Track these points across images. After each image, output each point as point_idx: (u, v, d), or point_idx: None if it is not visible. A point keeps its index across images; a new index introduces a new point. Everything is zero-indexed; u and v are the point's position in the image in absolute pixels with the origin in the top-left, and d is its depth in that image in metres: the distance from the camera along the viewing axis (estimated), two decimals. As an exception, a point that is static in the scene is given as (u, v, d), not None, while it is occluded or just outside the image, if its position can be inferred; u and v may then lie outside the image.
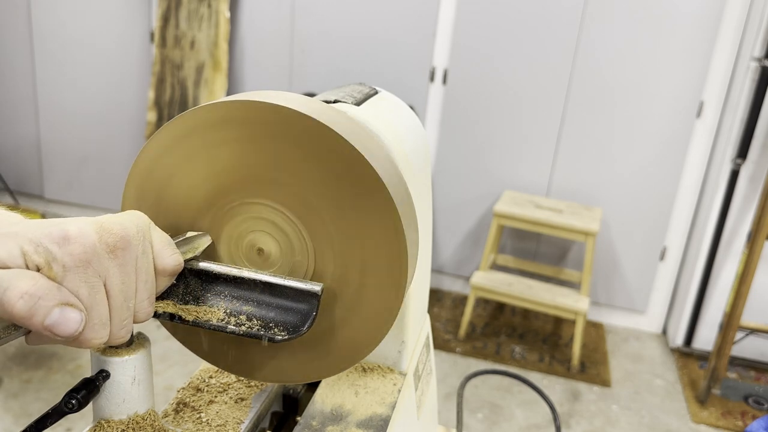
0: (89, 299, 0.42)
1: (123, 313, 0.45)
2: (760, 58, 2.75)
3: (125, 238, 0.44)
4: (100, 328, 0.43)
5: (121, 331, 0.45)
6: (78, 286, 0.41)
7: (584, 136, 3.17)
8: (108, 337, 0.44)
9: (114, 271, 0.43)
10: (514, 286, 2.97)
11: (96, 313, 0.43)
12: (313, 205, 0.53)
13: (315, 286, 0.52)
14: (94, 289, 0.42)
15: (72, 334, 0.41)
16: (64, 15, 3.64)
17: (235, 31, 3.43)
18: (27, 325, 0.40)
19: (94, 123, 3.79)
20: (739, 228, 2.96)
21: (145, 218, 0.48)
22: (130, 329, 0.46)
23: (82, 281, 0.41)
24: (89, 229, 0.42)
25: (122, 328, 0.45)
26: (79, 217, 0.44)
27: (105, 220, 0.44)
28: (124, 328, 0.45)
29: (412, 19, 3.20)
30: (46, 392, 2.47)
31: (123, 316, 0.45)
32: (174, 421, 0.62)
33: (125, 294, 0.44)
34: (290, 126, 0.50)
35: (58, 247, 0.41)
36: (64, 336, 0.41)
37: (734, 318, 2.65)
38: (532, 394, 2.72)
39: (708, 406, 2.79)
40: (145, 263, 0.46)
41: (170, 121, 0.52)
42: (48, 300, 0.40)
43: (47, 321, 0.40)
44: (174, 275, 0.50)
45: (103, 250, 0.42)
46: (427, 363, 0.82)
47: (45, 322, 0.40)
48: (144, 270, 0.46)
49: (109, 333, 0.44)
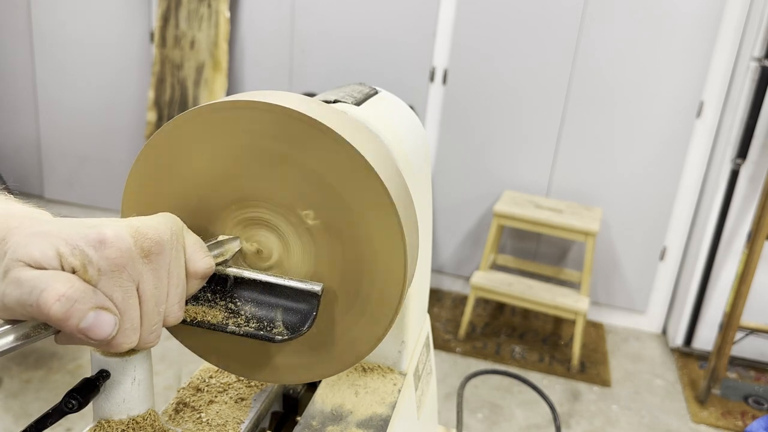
0: (123, 304, 0.42)
1: (153, 318, 0.44)
2: (760, 58, 2.75)
3: (160, 242, 0.44)
4: (131, 332, 0.43)
5: (150, 335, 0.45)
6: (112, 290, 0.41)
7: (584, 136, 3.17)
8: (138, 341, 0.44)
9: (147, 276, 0.43)
10: (514, 286, 2.97)
11: (128, 317, 0.42)
12: (312, 205, 0.52)
13: (315, 286, 0.52)
14: (127, 294, 0.42)
15: (105, 338, 0.41)
16: (64, 15, 3.64)
17: (235, 31, 3.43)
18: (61, 327, 0.40)
19: (94, 123, 3.79)
20: (739, 228, 2.96)
21: (179, 221, 0.47)
22: (159, 334, 0.46)
23: (116, 285, 0.41)
24: (125, 233, 0.42)
25: (152, 332, 0.45)
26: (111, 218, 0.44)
27: (140, 224, 0.44)
28: (153, 333, 0.45)
29: (412, 19, 3.21)
30: (46, 392, 2.47)
31: (153, 321, 0.45)
32: (174, 421, 0.62)
33: (157, 299, 0.44)
34: (290, 126, 0.50)
35: (94, 250, 0.40)
36: (98, 339, 0.40)
37: (734, 318, 2.65)
38: (532, 394, 2.72)
39: (708, 406, 2.79)
40: (177, 267, 0.45)
41: (170, 120, 0.52)
42: (84, 303, 0.39)
43: (82, 324, 0.39)
44: (205, 278, 0.49)
45: (138, 255, 0.42)
46: (427, 363, 0.82)
47: (80, 325, 0.39)
48: (176, 274, 0.45)
49: (139, 337, 0.44)
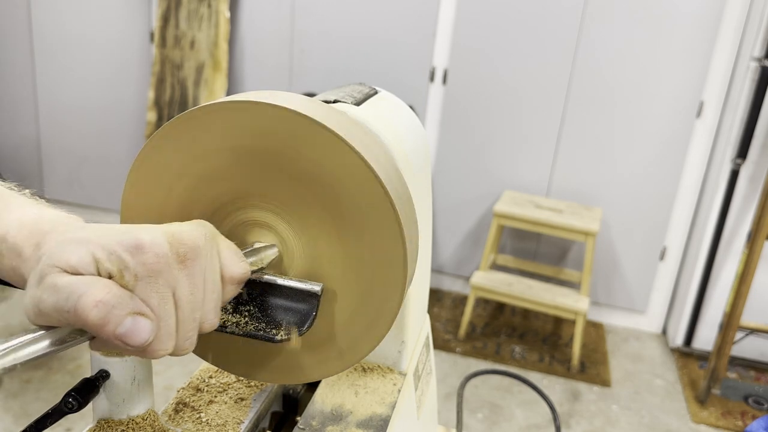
0: (159, 310, 0.41)
1: (189, 324, 0.44)
2: (760, 58, 2.75)
3: (196, 248, 0.43)
4: (167, 339, 0.42)
5: (186, 342, 0.44)
6: (149, 296, 0.41)
7: (584, 136, 3.17)
8: (173, 348, 0.43)
9: (183, 282, 0.43)
10: (514, 286, 2.97)
11: (164, 323, 0.42)
12: (312, 205, 0.52)
13: (315, 286, 0.52)
14: (164, 300, 0.41)
15: (142, 344, 0.40)
16: (64, 15, 3.64)
17: (235, 31, 3.43)
18: (98, 333, 0.39)
19: (94, 123, 3.79)
20: (739, 228, 2.96)
21: (212, 227, 0.47)
22: (194, 341, 0.45)
23: (153, 291, 0.41)
24: (162, 239, 0.42)
25: (187, 339, 0.44)
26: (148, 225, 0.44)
27: (176, 230, 0.43)
28: (188, 340, 0.45)
29: (412, 19, 3.20)
30: (46, 392, 2.47)
31: (189, 327, 0.44)
32: (174, 421, 0.62)
33: (193, 305, 0.44)
34: (289, 126, 0.50)
35: (131, 255, 0.40)
36: (134, 345, 0.40)
37: (734, 318, 2.65)
38: (532, 394, 2.72)
39: (708, 406, 2.79)
40: (212, 273, 0.45)
41: (170, 120, 0.52)
42: (121, 309, 0.39)
43: (119, 330, 0.39)
44: (241, 284, 0.49)
45: (174, 260, 0.42)
46: (427, 363, 0.82)
47: (117, 331, 0.39)
48: (212, 280, 0.45)
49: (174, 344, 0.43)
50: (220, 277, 0.46)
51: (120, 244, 0.40)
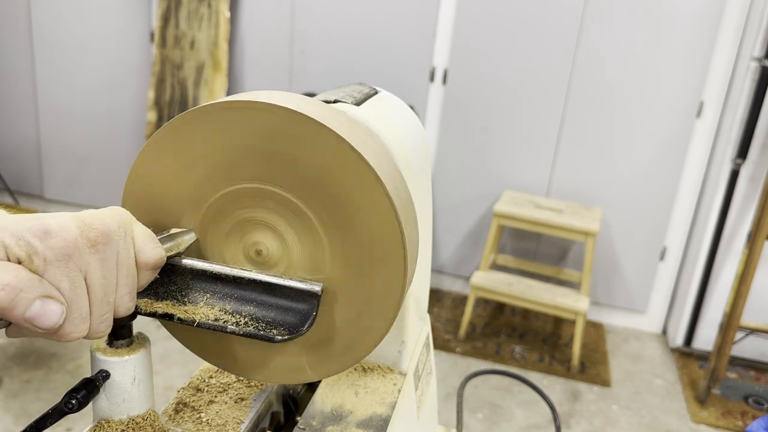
0: (70, 293, 0.42)
1: (103, 308, 0.45)
2: (760, 58, 2.75)
3: (106, 233, 0.44)
4: (80, 321, 0.43)
5: (101, 325, 0.45)
6: (59, 280, 0.42)
7: (584, 136, 3.17)
8: (87, 331, 0.44)
9: (95, 266, 0.43)
10: (514, 286, 2.97)
11: (76, 306, 0.43)
12: (312, 205, 0.53)
13: (315, 286, 0.52)
14: (74, 283, 0.42)
15: (52, 327, 0.41)
16: (64, 15, 3.64)
17: (235, 31, 3.43)
18: (8, 317, 0.40)
19: (94, 123, 3.79)
20: (739, 228, 2.96)
21: (127, 213, 0.48)
22: (110, 324, 0.46)
23: (63, 275, 0.42)
24: (70, 223, 0.42)
25: (102, 322, 0.45)
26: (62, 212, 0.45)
27: (86, 215, 0.44)
28: (104, 323, 0.46)
29: (412, 19, 3.21)
30: (46, 392, 2.47)
31: (103, 311, 0.45)
32: (174, 421, 0.62)
33: (105, 288, 0.45)
34: (289, 126, 0.50)
35: (39, 240, 0.41)
36: (45, 328, 0.41)
37: (734, 318, 2.65)
38: (532, 394, 2.72)
39: (708, 406, 2.79)
40: (126, 258, 0.46)
41: (170, 121, 0.52)
42: (29, 292, 0.40)
43: (28, 313, 0.40)
44: (156, 269, 0.50)
45: (84, 245, 0.43)
46: (427, 363, 0.82)
47: (26, 314, 0.40)
48: (125, 265, 0.46)
49: (89, 327, 0.44)
50: (135, 262, 0.47)
51: (28, 230, 0.41)
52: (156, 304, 0.52)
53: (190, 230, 0.55)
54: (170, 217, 0.56)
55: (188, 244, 0.54)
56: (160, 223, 0.56)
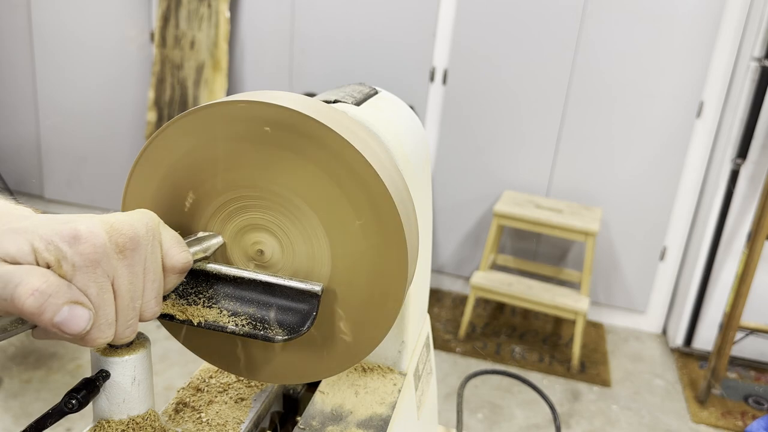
0: (97, 299, 0.42)
1: (129, 313, 0.45)
2: (760, 58, 2.75)
3: (135, 238, 0.44)
4: (107, 327, 0.43)
5: (126, 330, 0.45)
6: (87, 285, 0.42)
7: (584, 136, 3.17)
8: (113, 336, 0.45)
9: (122, 272, 0.43)
10: (514, 286, 2.97)
11: (103, 312, 0.43)
12: (313, 205, 0.53)
13: (315, 286, 0.52)
14: (102, 289, 0.42)
15: (80, 333, 0.41)
16: (64, 15, 3.64)
17: (235, 31, 3.43)
18: (36, 321, 0.40)
19: (94, 123, 3.79)
20: (739, 228, 2.96)
21: (155, 217, 0.48)
22: (135, 329, 0.46)
23: (91, 281, 0.42)
24: (99, 228, 0.42)
25: (127, 327, 0.45)
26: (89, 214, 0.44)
27: (115, 220, 0.44)
28: (129, 328, 0.46)
29: (412, 19, 3.20)
30: (46, 392, 2.47)
31: (129, 316, 0.45)
32: (174, 421, 0.62)
33: (132, 294, 0.45)
34: (290, 126, 0.50)
35: (68, 246, 0.41)
36: (72, 334, 0.41)
37: (734, 318, 2.65)
38: (532, 394, 2.72)
39: (708, 406, 2.79)
40: (153, 263, 0.46)
41: (170, 120, 0.52)
42: (58, 298, 0.40)
43: (56, 318, 0.40)
44: (183, 273, 0.49)
45: (113, 250, 0.43)
46: (427, 363, 0.82)
47: (54, 320, 0.40)
48: (152, 270, 0.46)
49: (115, 332, 0.44)
50: (162, 266, 0.47)
51: (58, 235, 0.41)
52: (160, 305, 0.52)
53: (217, 234, 0.55)
54: (171, 218, 0.56)
55: (216, 248, 0.54)
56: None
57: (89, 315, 0.41)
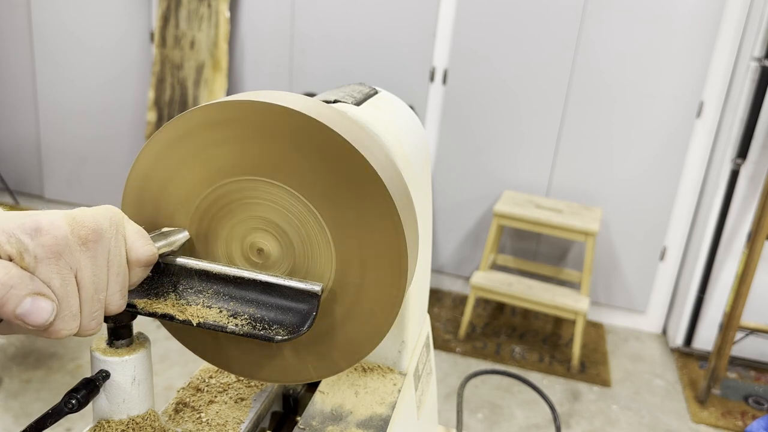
0: (60, 290, 0.42)
1: (93, 305, 0.45)
2: (760, 58, 2.75)
3: (97, 230, 0.44)
4: (71, 319, 0.44)
5: (91, 323, 0.45)
6: (50, 277, 0.42)
7: (584, 136, 3.17)
8: (78, 328, 0.45)
9: (85, 263, 0.43)
10: (514, 286, 2.97)
11: (66, 304, 0.43)
12: (312, 205, 0.53)
13: (315, 286, 0.52)
14: (65, 281, 0.42)
15: (43, 324, 0.41)
16: (64, 15, 3.64)
17: (235, 31, 3.43)
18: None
19: (94, 123, 3.79)
20: (739, 228, 2.96)
21: (119, 212, 0.48)
22: (100, 321, 0.46)
23: (53, 272, 0.42)
24: (61, 221, 0.42)
25: (92, 320, 0.45)
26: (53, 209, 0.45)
27: (78, 213, 0.44)
28: (94, 320, 0.46)
29: (412, 19, 3.20)
30: (46, 392, 2.47)
31: (93, 308, 0.45)
32: (174, 421, 0.62)
33: (96, 286, 0.45)
34: (290, 126, 0.50)
35: (30, 238, 0.41)
36: (35, 325, 0.41)
37: (734, 318, 2.65)
38: (532, 394, 2.72)
39: (708, 406, 2.79)
40: (117, 255, 0.46)
41: (170, 121, 0.52)
42: (20, 289, 0.40)
43: (19, 310, 0.40)
44: (149, 267, 0.49)
45: (75, 242, 0.43)
46: (427, 363, 0.82)
47: (17, 311, 0.40)
48: (116, 262, 0.46)
49: (80, 324, 0.45)
50: (126, 259, 0.47)
51: (20, 227, 0.41)
52: (156, 305, 0.52)
53: (183, 229, 0.55)
54: (171, 217, 0.56)
55: (181, 243, 0.54)
56: (161, 223, 0.56)
57: (52, 306, 0.41)
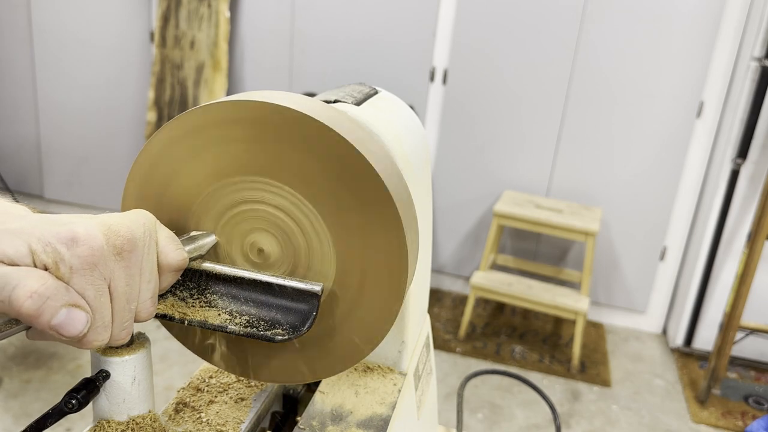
0: (94, 301, 0.42)
1: (125, 315, 0.45)
2: (760, 58, 2.75)
3: (132, 240, 0.44)
4: (103, 330, 0.43)
5: (122, 332, 0.45)
6: (84, 288, 0.41)
7: (584, 136, 3.17)
8: (109, 339, 0.44)
9: (119, 273, 0.43)
10: (514, 286, 2.97)
11: (100, 315, 0.43)
12: (313, 205, 0.52)
13: (315, 286, 0.52)
14: (99, 292, 0.42)
15: (77, 335, 0.41)
16: (64, 15, 3.64)
17: (235, 31, 3.43)
18: (33, 323, 0.40)
19: (93, 123, 3.79)
20: (739, 228, 2.96)
21: (151, 217, 0.48)
22: (130, 330, 0.46)
23: (88, 283, 0.41)
24: (97, 231, 0.42)
25: (123, 329, 0.45)
26: (86, 215, 0.44)
27: (113, 222, 0.44)
28: (125, 330, 0.45)
29: (412, 19, 3.21)
30: (46, 392, 2.47)
31: (125, 318, 0.45)
32: (174, 421, 0.62)
33: (128, 296, 0.44)
34: (290, 126, 0.50)
35: (66, 248, 0.41)
36: (69, 336, 0.41)
37: (734, 318, 2.65)
38: (532, 394, 2.72)
39: (708, 406, 2.79)
40: (149, 263, 0.46)
41: (170, 121, 0.52)
42: (56, 300, 0.40)
43: (54, 321, 0.40)
44: (179, 272, 0.49)
45: (110, 253, 0.42)
46: (427, 363, 0.82)
47: (52, 322, 0.40)
48: (148, 270, 0.46)
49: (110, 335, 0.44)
50: (157, 265, 0.47)
51: (56, 237, 0.41)
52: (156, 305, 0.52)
53: (211, 233, 0.55)
54: (172, 217, 0.56)
55: (209, 247, 0.54)
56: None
57: (87, 318, 0.41)
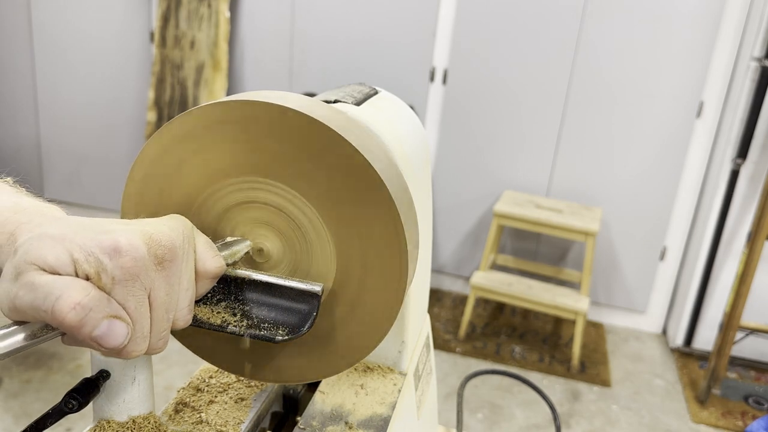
0: (135, 312, 0.41)
1: (163, 325, 0.44)
2: (760, 58, 2.75)
3: (173, 249, 0.43)
4: (141, 340, 0.43)
5: (159, 342, 0.44)
6: (126, 299, 0.41)
7: (584, 136, 3.17)
8: (146, 349, 0.44)
9: (159, 284, 0.43)
10: (514, 286, 2.97)
11: (139, 326, 0.42)
12: (313, 205, 0.52)
13: (315, 286, 0.52)
14: (139, 303, 0.41)
15: (117, 347, 0.40)
16: (64, 14, 3.64)
17: (235, 31, 3.43)
18: (75, 334, 0.39)
19: (93, 123, 3.79)
20: (739, 228, 2.96)
21: (189, 223, 0.47)
22: (167, 340, 0.45)
23: (129, 294, 0.41)
24: (139, 241, 0.41)
25: (160, 339, 0.44)
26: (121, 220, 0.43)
27: (153, 230, 0.43)
28: (161, 340, 0.45)
29: (412, 19, 3.20)
30: (46, 392, 2.47)
31: (162, 328, 0.44)
32: (174, 421, 0.62)
33: (167, 305, 0.44)
34: (290, 126, 0.50)
35: (108, 258, 0.40)
36: (110, 348, 0.40)
37: (734, 318, 2.65)
38: (532, 394, 2.72)
39: (708, 406, 2.79)
40: (188, 271, 0.45)
41: (170, 120, 0.52)
42: (98, 312, 0.39)
43: (95, 332, 0.39)
44: (215, 279, 0.49)
45: (152, 263, 0.42)
46: (427, 363, 0.82)
47: (93, 334, 0.39)
48: (186, 278, 0.45)
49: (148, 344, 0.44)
50: (195, 272, 0.46)
51: (98, 246, 0.40)
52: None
53: (245, 239, 0.54)
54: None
55: (243, 253, 0.54)
56: None
57: (127, 329, 0.40)
